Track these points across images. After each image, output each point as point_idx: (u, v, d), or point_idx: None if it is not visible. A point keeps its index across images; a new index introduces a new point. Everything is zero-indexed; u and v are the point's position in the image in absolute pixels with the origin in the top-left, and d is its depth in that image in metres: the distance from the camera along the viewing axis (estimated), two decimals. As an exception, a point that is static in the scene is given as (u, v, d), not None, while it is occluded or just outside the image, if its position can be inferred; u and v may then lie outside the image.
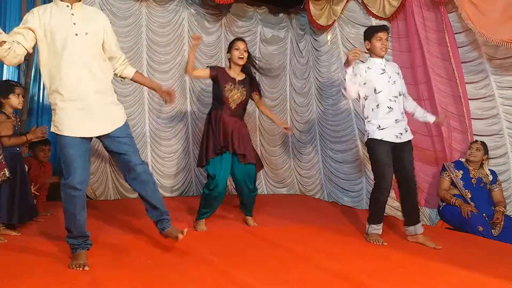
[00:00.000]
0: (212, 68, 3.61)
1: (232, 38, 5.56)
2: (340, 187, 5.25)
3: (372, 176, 4.91)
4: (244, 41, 3.67)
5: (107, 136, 2.49)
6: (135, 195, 4.90)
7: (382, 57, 3.40)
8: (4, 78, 4.37)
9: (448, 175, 3.91)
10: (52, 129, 2.42)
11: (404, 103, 3.44)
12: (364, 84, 3.33)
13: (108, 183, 4.89)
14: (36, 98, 4.68)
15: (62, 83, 2.34)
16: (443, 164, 4.01)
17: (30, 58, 4.40)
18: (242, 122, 3.65)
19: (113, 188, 4.92)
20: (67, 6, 2.39)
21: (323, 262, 2.64)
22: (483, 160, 3.83)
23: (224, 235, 3.35)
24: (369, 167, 4.83)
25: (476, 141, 3.87)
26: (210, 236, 3.29)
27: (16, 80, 4.41)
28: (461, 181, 3.84)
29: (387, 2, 4.49)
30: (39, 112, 4.70)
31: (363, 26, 4.87)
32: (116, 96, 2.60)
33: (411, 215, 3.32)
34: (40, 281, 2.14)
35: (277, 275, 2.39)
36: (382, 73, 3.36)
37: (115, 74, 2.68)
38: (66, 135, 2.37)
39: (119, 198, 4.92)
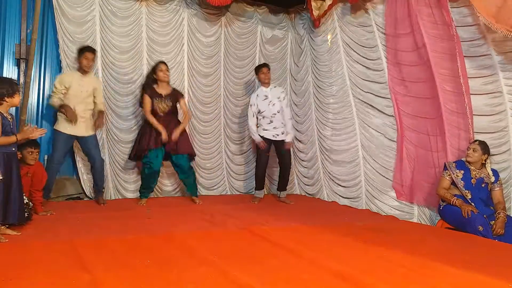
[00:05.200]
0: (145, 91, 4.54)
1: (232, 38, 5.61)
2: (340, 187, 5.26)
3: (370, 175, 4.96)
4: (165, 63, 4.61)
5: None
6: (134, 195, 4.91)
7: (266, 86, 4.91)
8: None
9: (449, 174, 3.87)
10: None
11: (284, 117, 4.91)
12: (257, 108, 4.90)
13: (108, 183, 4.87)
14: (36, 98, 4.67)
15: None
16: (445, 163, 3.96)
17: (30, 58, 4.39)
18: (173, 123, 4.61)
19: (113, 188, 4.91)
20: None
21: (323, 262, 2.64)
22: (483, 160, 3.79)
23: (224, 235, 3.35)
24: (369, 166, 4.86)
25: (475, 141, 3.84)
26: (210, 236, 3.29)
27: (16, 80, 4.39)
28: (462, 181, 3.80)
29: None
30: (39, 112, 4.70)
31: (362, 26, 4.88)
32: None
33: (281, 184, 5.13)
34: (40, 281, 2.14)
35: (277, 275, 2.38)
36: (265, 99, 4.87)
37: None
38: None
39: (119, 198, 4.92)
